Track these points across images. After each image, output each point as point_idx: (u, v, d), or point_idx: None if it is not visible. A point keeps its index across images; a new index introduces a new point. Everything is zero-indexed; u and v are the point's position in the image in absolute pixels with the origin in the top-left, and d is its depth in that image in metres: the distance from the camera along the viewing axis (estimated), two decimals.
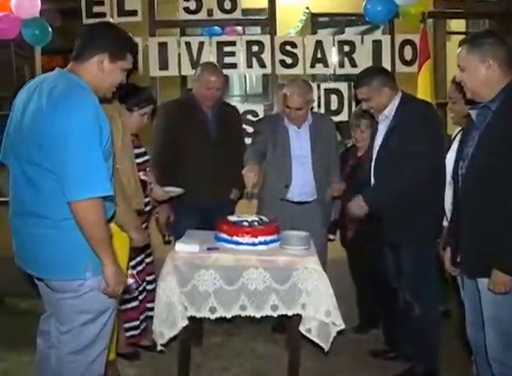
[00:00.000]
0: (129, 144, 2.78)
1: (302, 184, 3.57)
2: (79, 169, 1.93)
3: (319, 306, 2.82)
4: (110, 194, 2.01)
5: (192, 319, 2.91)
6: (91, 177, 1.94)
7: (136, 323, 3.25)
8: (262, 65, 4.55)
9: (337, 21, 7.40)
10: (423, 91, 4.33)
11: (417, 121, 2.90)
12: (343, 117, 4.54)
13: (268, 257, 2.86)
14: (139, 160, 3.17)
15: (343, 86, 4.61)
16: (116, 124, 2.61)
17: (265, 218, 3.19)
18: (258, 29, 5.93)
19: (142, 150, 3.29)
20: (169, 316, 2.85)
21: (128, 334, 3.25)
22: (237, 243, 2.95)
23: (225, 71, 4.36)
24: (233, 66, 4.58)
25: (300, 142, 3.60)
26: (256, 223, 3.07)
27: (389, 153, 3.00)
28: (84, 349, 2.12)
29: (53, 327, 2.19)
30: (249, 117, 4.54)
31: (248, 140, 3.94)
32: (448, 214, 2.82)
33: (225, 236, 3.01)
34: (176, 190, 3.36)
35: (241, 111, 4.43)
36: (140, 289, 3.26)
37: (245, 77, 6.90)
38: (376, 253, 3.34)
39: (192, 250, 2.89)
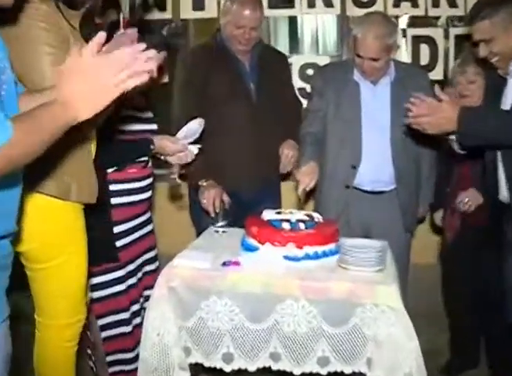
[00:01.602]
0: None
1: (376, 165, 2.48)
2: None
3: (394, 365, 1.75)
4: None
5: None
6: None
7: (130, 355, 2.24)
8: (328, 4, 3.44)
9: None
10: None
11: None
12: (436, 74, 3.35)
13: (318, 282, 1.81)
14: (137, 128, 2.20)
15: (437, 33, 3.41)
16: (57, 55, 1.58)
17: (317, 217, 2.12)
18: None
19: (149, 114, 2.31)
20: (161, 364, 1.86)
21: (113, 369, 2.25)
22: (271, 255, 1.92)
23: (279, 12, 3.45)
24: (289, 5, 3.46)
25: (376, 104, 2.49)
26: (302, 225, 2.01)
27: None
28: None
29: None
30: (309, 72, 3.45)
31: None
32: None
33: (253, 242, 1.98)
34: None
35: (298, 66, 3.43)
36: (136, 309, 2.28)
37: (317, 32, 5.69)
38: (494, 268, 2.25)
39: (198, 265, 1.88)
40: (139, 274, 2.28)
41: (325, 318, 1.78)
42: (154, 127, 2.32)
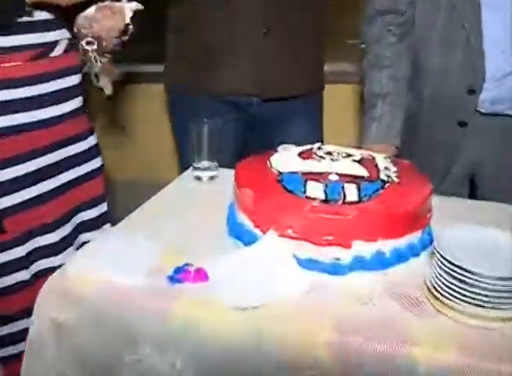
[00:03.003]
0: None
1: (502, 75, 1.33)
2: None
3: None
4: None
5: None
6: None
7: None
8: None
9: None
10: None
11: None
12: None
13: (386, 333, 0.76)
14: None
15: None
16: None
17: (388, 166, 1.03)
18: None
19: None
20: None
21: None
22: (279, 260, 0.87)
23: None
24: None
25: None
26: (353, 188, 0.92)
27: None
28: None
29: None
30: None
31: None
32: None
33: (246, 225, 0.94)
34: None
35: None
36: None
37: None
38: None
39: (117, 276, 0.86)
40: (71, 248, 1.27)
41: None
42: None
